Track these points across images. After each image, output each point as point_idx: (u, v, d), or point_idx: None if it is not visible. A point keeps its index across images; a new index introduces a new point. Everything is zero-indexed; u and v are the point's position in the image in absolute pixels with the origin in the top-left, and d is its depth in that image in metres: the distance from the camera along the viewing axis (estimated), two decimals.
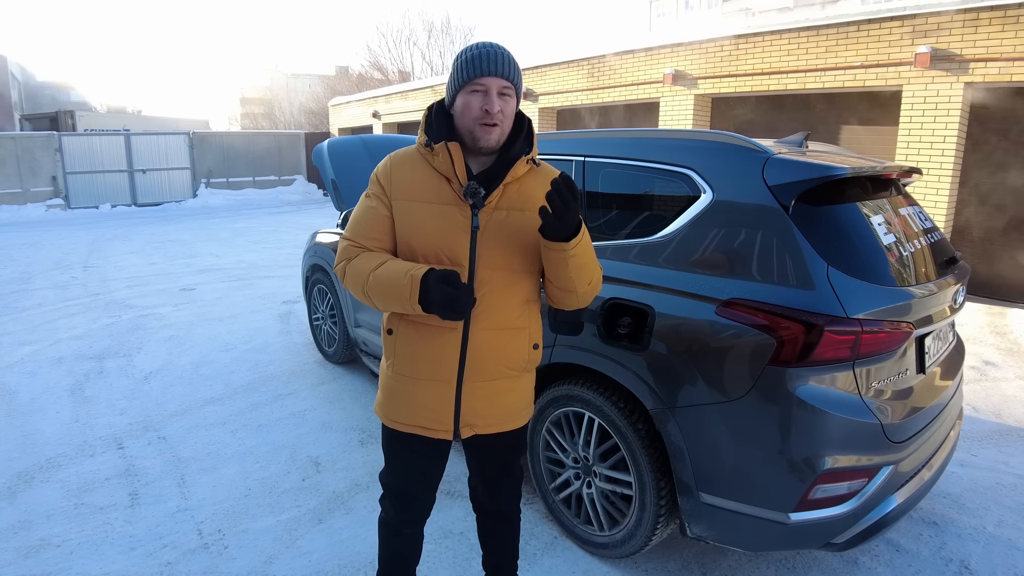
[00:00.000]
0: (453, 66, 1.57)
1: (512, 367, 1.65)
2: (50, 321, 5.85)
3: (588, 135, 2.59)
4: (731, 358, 1.90)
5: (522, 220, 1.57)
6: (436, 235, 1.55)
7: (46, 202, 15.83)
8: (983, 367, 4.59)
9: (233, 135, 20.10)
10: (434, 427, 1.65)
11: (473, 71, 1.51)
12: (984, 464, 3.15)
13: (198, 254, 9.53)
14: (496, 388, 1.64)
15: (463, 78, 1.53)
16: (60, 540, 2.53)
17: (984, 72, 6.31)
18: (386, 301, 1.54)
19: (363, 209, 1.65)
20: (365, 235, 1.63)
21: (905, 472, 2.00)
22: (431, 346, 1.60)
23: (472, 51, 1.53)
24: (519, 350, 1.65)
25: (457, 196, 1.55)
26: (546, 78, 11.70)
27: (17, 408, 3.87)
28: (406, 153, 1.66)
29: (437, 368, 1.60)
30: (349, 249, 1.64)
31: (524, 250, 1.58)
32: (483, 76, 1.50)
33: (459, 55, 1.56)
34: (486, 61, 1.51)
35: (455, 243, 1.54)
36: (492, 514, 1.93)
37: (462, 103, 1.54)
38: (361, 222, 1.64)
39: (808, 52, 7.72)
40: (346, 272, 1.62)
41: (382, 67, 30.82)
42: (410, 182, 1.60)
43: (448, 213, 1.55)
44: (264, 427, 3.58)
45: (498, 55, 1.52)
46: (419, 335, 1.61)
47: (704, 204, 2.06)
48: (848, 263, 1.87)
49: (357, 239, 1.63)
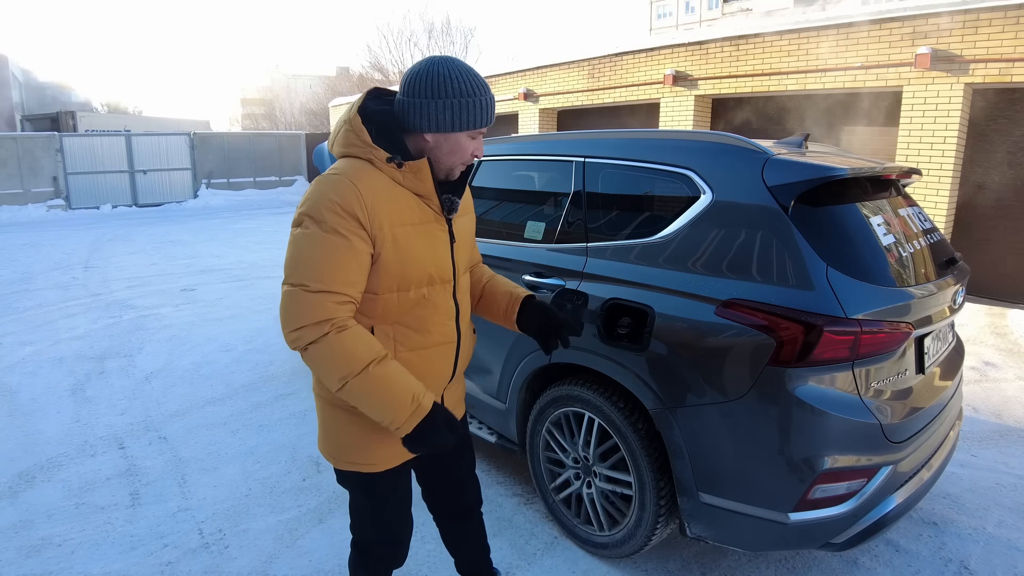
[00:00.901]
0: (454, 100, 1.40)
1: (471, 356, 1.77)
2: (51, 321, 5.86)
3: (588, 136, 2.59)
4: (731, 358, 1.90)
5: (469, 222, 1.69)
6: (428, 257, 1.49)
7: (47, 203, 15.85)
8: (983, 367, 4.59)
9: (234, 136, 20.12)
10: None
11: (483, 120, 1.44)
12: (984, 464, 3.15)
13: (199, 255, 9.54)
14: (460, 379, 1.76)
15: (470, 123, 1.43)
16: (61, 540, 2.53)
17: (984, 73, 6.31)
18: (369, 405, 1.36)
19: (335, 250, 1.33)
20: (351, 282, 1.36)
21: (904, 472, 2.01)
22: (434, 368, 1.57)
23: (478, 97, 1.42)
24: (472, 338, 1.76)
25: (435, 213, 1.51)
26: (547, 79, 11.70)
27: (18, 408, 3.87)
28: (366, 174, 1.41)
29: (432, 386, 1.58)
30: (335, 308, 1.33)
31: (473, 249, 1.75)
32: (487, 126, 1.48)
33: (461, 92, 1.41)
34: (491, 112, 1.46)
35: (442, 260, 1.53)
36: (461, 514, 1.93)
37: (457, 144, 1.46)
38: (343, 267, 1.34)
39: (808, 53, 7.72)
40: (337, 343, 1.31)
41: (383, 68, 30.84)
42: (389, 206, 1.41)
43: (432, 231, 1.50)
44: (265, 427, 3.58)
45: (493, 103, 1.47)
46: (422, 362, 1.52)
47: (704, 205, 2.06)
48: (847, 263, 1.88)
49: (344, 289, 1.35)
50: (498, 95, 12.94)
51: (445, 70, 1.41)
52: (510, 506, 2.77)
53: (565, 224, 2.50)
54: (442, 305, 1.55)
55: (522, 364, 2.55)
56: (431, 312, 1.52)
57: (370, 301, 1.44)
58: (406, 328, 1.49)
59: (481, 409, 2.91)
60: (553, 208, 2.62)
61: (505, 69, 12.85)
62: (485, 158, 3.05)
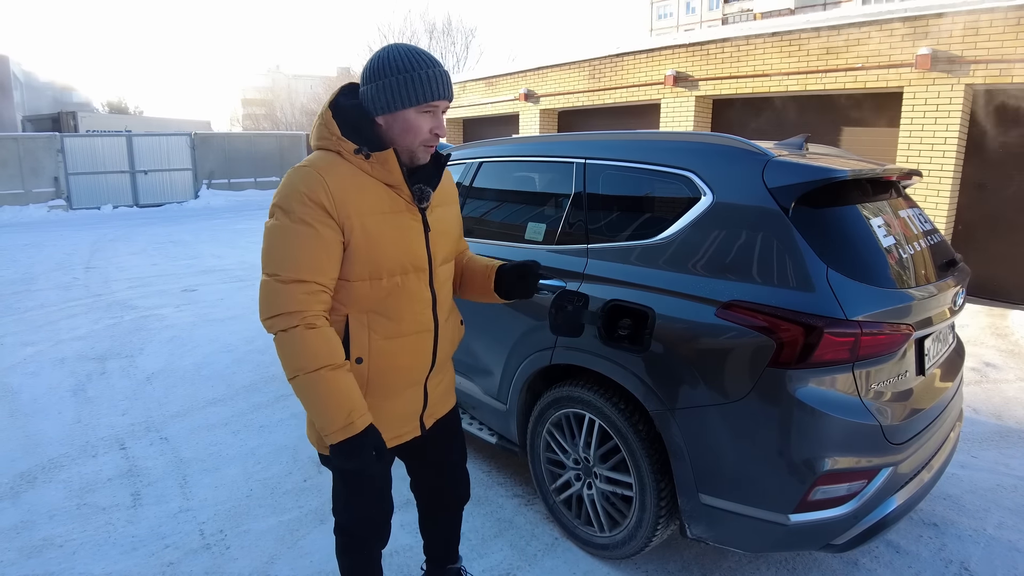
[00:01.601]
0: (398, 77, 1.43)
1: (456, 347, 1.79)
2: (52, 322, 5.87)
3: (589, 137, 2.60)
4: (731, 360, 1.90)
5: (449, 212, 1.70)
6: (399, 246, 1.50)
7: (48, 203, 15.87)
8: (983, 369, 4.59)
9: (235, 136, 20.14)
10: (405, 431, 1.67)
11: (430, 92, 1.44)
12: (984, 466, 3.15)
13: (200, 255, 9.54)
14: (446, 370, 1.78)
15: (417, 97, 1.44)
16: (62, 540, 2.54)
17: (985, 74, 6.31)
18: (309, 405, 1.40)
19: (304, 239, 1.38)
20: (321, 270, 1.40)
21: (905, 473, 2.01)
22: (410, 356, 1.59)
23: (424, 69, 1.44)
24: (459, 330, 1.79)
25: (406, 202, 1.52)
26: (547, 80, 11.71)
27: (19, 409, 3.88)
28: (330, 164, 1.45)
29: (413, 375, 1.62)
30: (305, 299, 1.38)
31: (455, 239, 1.75)
32: (438, 99, 1.46)
33: (403, 66, 1.43)
34: (440, 84, 1.46)
35: (416, 249, 1.55)
36: (450, 504, 1.96)
37: (409, 122, 1.46)
38: (311, 255, 1.38)
39: (809, 54, 7.72)
40: (300, 339, 1.36)
41: None
42: (357, 196, 1.44)
43: (403, 220, 1.52)
44: (266, 428, 3.59)
45: (446, 77, 1.48)
46: (398, 350, 1.55)
47: (704, 206, 2.06)
48: (848, 265, 1.88)
49: (315, 277, 1.39)
50: (499, 96, 12.95)
51: (386, 52, 1.47)
52: (511, 507, 2.77)
53: (566, 225, 2.50)
54: (418, 294, 1.56)
55: (523, 365, 2.55)
56: (406, 301, 1.54)
57: (343, 289, 1.47)
58: (380, 316, 1.52)
59: (482, 410, 2.91)
60: (554, 209, 2.62)
61: (506, 70, 12.86)
62: (486, 159, 3.05)
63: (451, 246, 1.72)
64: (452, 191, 1.75)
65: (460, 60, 29.97)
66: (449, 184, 1.73)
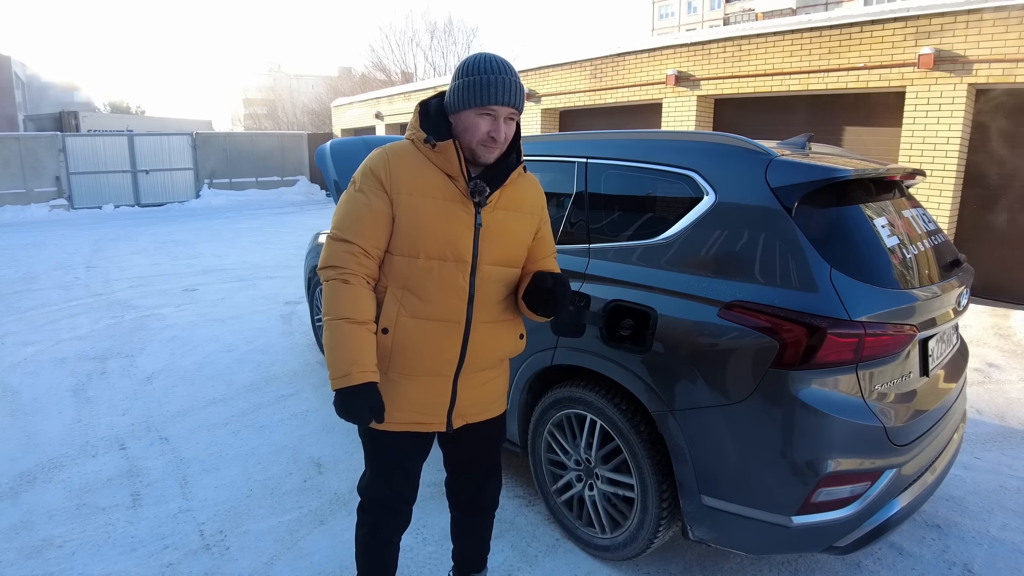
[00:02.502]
0: (464, 80, 1.54)
1: (503, 357, 1.78)
2: (53, 321, 5.86)
3: (591, 137, 2.59)
4: (733, 360, 1.89)
5: (516, 220, 1.69)
6: (443, 231, 1.57)
7: (50, 202, 15.87)
8: (987, 369, 4.57)
9: (236, 136, 20.13)
10: (427, 420, 1.68)
11: (487, 97, 1.52)
12: (987, 467, 3.14)
13: (201, 255, 9.54)
14: (485, 376, 1.74)
15: (475, 100, 1.53)
16: (62, 541, 2.53)
17: (988, 73, 6.29)
18: (326, 348, 1.53)
19: (357, 205, 1.56)
20: (364, 235, 1.54)
21: (908, 475, 2.00)
22: (433, 342, 1.61)
23: (487, 75, 1.52)
24: (509, 340, 1.76)
25: (462, 194, 1.59)
26: (549, 79, 11.70)
27: (20, 408, 3.88)
28: (401, 148, 1.60)
29: (436, 363, 1.63)
30: (346, 257, 1.54)
31: (517, 248, 1.71)
32: (495, 104, 1.53)
33: (471, 69, 1.54)
34: (501, 91, 1.53)
35: (460, 239, 1.59)
36: (476, 510, 1.96)
37: (468, 122, 1.56)
38: (359, 220, 1.55)
39: (811, 53, 7.70)
40: (334, 289, 1.53)
41: (385, 68, 30.87)
42: (413, 177, 1.56)
43: (453, 210, 1.58)
44: (266, 428, 3.58)
45: (511, 85, 1.54)
46: (421, 331, 1.60)
47: (707, 206, 2.05)
48: (851, 265, 1.87)
49: (357, 240, 1.54)
50: None
51: (475, 56, 1.57)
52: (512, 508, 2.76)
53: (567, 225, 2.49)
54: (453, 283, 1.59)
55: (524, 366, 2.54)
56: (438, 285, 1.59)
57: (387, 262, 1.59)
58: (412, 295, 1.59)
59: None
60: (555, 209, 2.61)
61: None
62: None
63: (511, 252, 1.69)
64: (532, 202, 1.73)
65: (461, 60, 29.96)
66: (532, 195, 1.74)
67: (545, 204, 1.80)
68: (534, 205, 1.75)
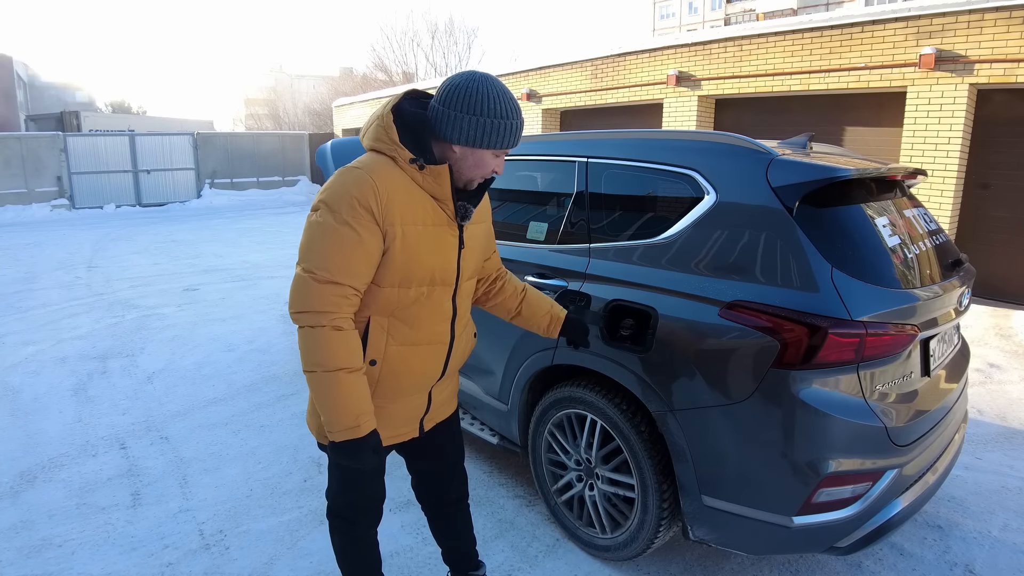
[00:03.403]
0: (480, 119, 1.44)
1: (467, 358, 1.82)
2: (54, 321, 5.86)
3: (591, 136, 2.58)
4: (734, 360, 1.89)
5: (481, 231, 1.72)
6: (434, 258, 1.55)
7: (51, 202, 15.87)
8: (988, 370, 4.56)
9: (237, 136, 20.13)
10: (404, 432, 1.72)
11: (509, 142, 1.50)
12: (989, 467, 3.13)
13: (202, 254, 9.54)
14: (452, 379, 1.82)
15: (497, 144, 1.48)
16: (62, 540, 2.53)
17: (989, 73, 6.28)
18: (321, 401, 1.43)
19: (345, 241, 1.40)
20: (358, 274, 1.42)
21: (910, 476, 1.99)
22: (421, 365, 1.63)
23: (507, 120, 1.47)
24: (471, 342, 1.82)
25: (448, 217, 1.56)
26: (549, 79, 11.69)
27: (20, 407, 3.88)
28: (383, 169, 1.46)
29: (421, 382, 1.66)
30: (339, 301, 1.40)
31: (482, 257, 1.75)
32: (512, 147, 1.53)
33: (487, 110, 1.44)
34: (519, 135, 1.52)
35: (448, 263, 1.59)
36: (449, 502, 1.98)
37: (481, 160, 1.52)
38: (350, 257, 1.40)
39: (812, 53, 7.69)
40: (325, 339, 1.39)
41: (386, 68, 30.86)
42: (406, 204, 1.47)
43: (442, 235, 1.56)
44: (266, 427, 3.58)
45: (522, 127, 1.53)
46: (411, 358, 1.60)
47: (708, 206, 2.05)
48: (852, 265, 1.86)
49: (350, 281, 1.41)
50: None
51: (484, 88, 1.45)
52: (512, 508, 2.76)
53: (568, 225, 2.49)
54: (440, 306, 1.61)
55: (524, 366, 2.54)
56: (427, 311, 1.58)
57: (371, 292, 1.50)
58: (400, 323, 1.56)
59: (483, 410, 2.90)
60: (556, 209, 2.61)
61: (508, 69, 12.84)
62: None
63: (478, 263, 1.74)
64: (487, 210, 1.79)
65: (462, 60, 29.97)
66: (485, 203, 1.76)
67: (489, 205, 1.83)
68: (488, 211, 1.79)
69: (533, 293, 1.97)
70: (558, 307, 1.98)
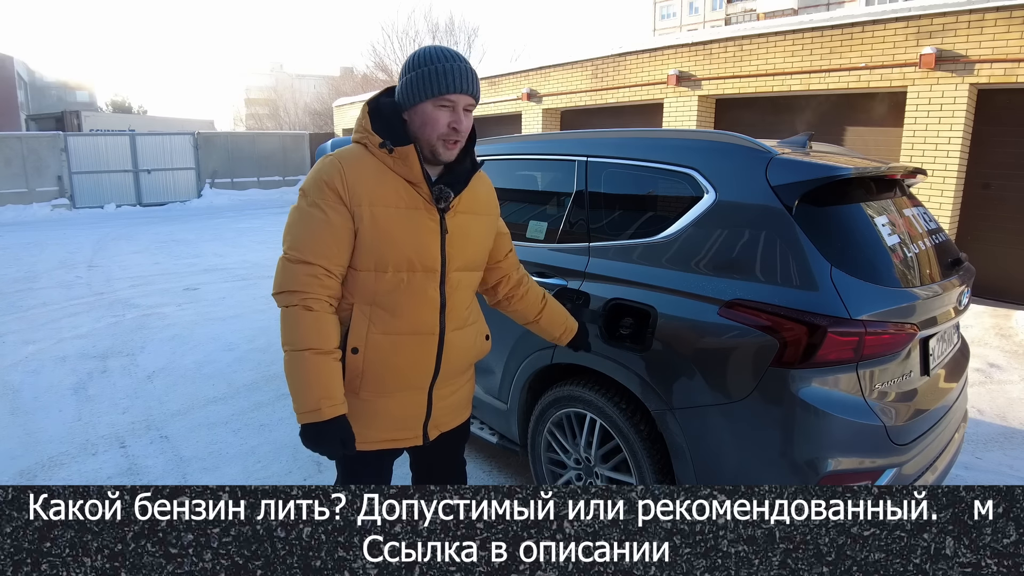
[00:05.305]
0: (417, 71, 1.46)
1: (473, 361, 1.76)
2: (54, 320, 5.87)
3: (591, 135, 2.58)
4: (734, 359, 1.89)
5: (477, 222, 1.65)
6: (410, 242, 1.50)
7: (51, 202, 15.89)
8: (988, 369, 4.56)
9: (238, 135, 20.17)
10: (404, 436, 1.65)
11: (444, 86, 1.45)
12: (989, 467, 3.13)
13: (202, 254, 9.55)
14: (457, 383, 1.73)
15: (431, 90, 1.45)
16: None
17: (990, 73, 6.28)
18: (290, 381, 1.45)
19: (314, 222, 1.44)
20: (325, 254, 1.44)
21: (909, 475, 1.99)
22: (408, 356, 1.57)
23: (442, 63, 1.46)
24: (478, 343, 1.74)
25: (424, 201, 1.52)
26: (550, 79, 11.70)
27: (20, 406, 3.88)
28: (355, 154, 1.50)
29: (412, 378, 1.59)
30: (307, 280, 1.43)
31: (481, 251, 1.70)
32: (453, 93, 1.46)
33: (423, 60, 1.47)
34: (458, 78, 1.46)
35: (428, 249, 1.53)
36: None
37: (426, 115, 1.48)
38: (318, 238, 1.44)
39: (812, 53, 7.70)
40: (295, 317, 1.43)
41: (387, 68, 30.84)
42: (372, 187, 1.47)
43: (418, 218, 1.51)
44: (266, 427, 3.58)
45: (468, 73, 1.48)
46: (394, 347, 1.54)
47: (707, 204, 2.05)
48: (852, 264, 1.86)
49: (318, 260, 1.44)
50: (501, 96, 12.93)
51: (420, 49, 1.50)
52: None
53: (567, 224, 2.49)
54: (423, 294, 1.54)
55: (524, 364, 2.54)
56: (408, 298, 1.53)
57: (352, 278, 1.52)
58: (382, 310, 1.53)
59: (482, 409, 2.90)
60: (555, 208, 2.61)
61: (508, 69, 12.85)
62: (488, 158, 3.03)
63: (476, 255, 1.67)
64: (489, 202, 1.71)
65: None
66: (486, 195, 1.70)
67: (497, 201, 1.77)
68: (490, 204, 1.72)
69: (553, 304, 1.94)
70: (572, 320, 1.98)
